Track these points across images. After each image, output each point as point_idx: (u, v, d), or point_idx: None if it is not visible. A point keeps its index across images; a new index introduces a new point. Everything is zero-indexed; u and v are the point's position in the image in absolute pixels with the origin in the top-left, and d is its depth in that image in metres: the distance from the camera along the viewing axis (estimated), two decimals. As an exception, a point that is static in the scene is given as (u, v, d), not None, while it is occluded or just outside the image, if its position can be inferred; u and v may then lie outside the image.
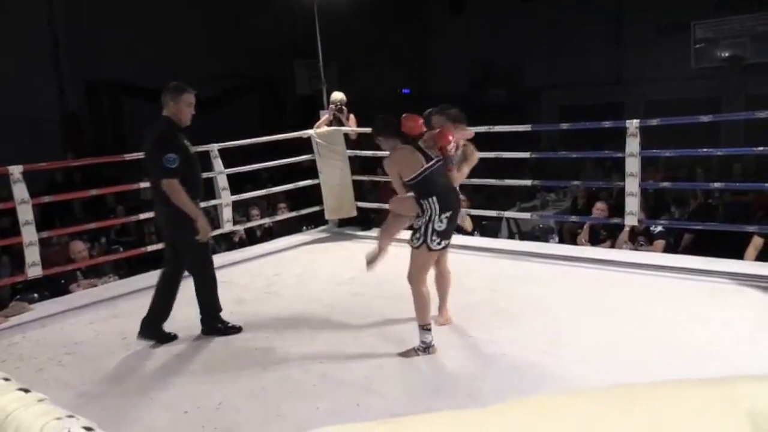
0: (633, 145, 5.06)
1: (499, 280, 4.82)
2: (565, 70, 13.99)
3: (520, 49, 14.83)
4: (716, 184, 6.64)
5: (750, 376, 0.41)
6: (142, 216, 6.65)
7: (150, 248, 6.29)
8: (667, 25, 12.92)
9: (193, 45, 14.11)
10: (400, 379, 3.27)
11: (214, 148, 5.82)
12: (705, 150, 5.84)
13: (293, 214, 7.06)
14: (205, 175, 5.85)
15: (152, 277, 5.51)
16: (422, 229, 3.53)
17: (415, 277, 3.64)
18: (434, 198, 3.47)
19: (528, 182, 7.29)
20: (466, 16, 16.33)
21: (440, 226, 3.51)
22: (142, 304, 4.75)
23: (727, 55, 12.46)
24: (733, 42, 12.39)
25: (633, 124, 5.04)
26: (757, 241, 4.97)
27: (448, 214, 3.52)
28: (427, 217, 3.50)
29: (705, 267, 4.71)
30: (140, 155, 5.63)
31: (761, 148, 4.91)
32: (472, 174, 4.59)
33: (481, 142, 7.66)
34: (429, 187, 3.51)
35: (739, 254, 5.00)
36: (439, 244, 3.55)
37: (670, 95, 12.47)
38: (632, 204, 5.18)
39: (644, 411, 0.37)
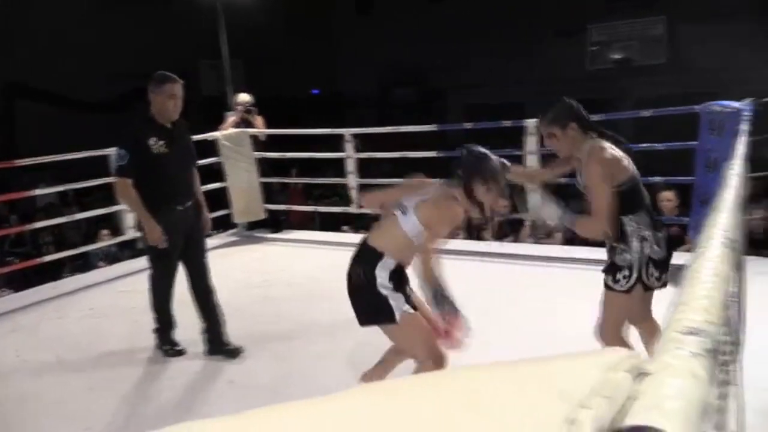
0: (532, 143, 5.30)
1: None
2: (470, 70, 14.38)
3: (426, 50, 15.11)
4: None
5: (566, 354, 0.46)
6: (38, 224, 6.33)
7: (47, 258, 5.99)
8: (565, 28, 13.53)
9: (91, 43, 13.48)
10: (308, 383, 3.28)
11: (113, 153, 5.60)
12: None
13: (201, 218, 6.91)
14: (103, 181, 5.69)
15: (49, 289, 5.29)
16: (633, 262, 2.52)
17: (612, 334, 2.61)
18: (643, 213, 2.55)
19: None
20: (373, 16, 16.48)
21: (657, 251, 2.53)
22: (39, 318, 4.54)
23: (618, 57, 13.22)
24: (624, 45, 13.16)
25: (532, 124, 5.27)
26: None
27: (661, 234, 2.56)
28: (638, 242, 2.52)
29: (599, 257, 4.98)
30: (33, 160, 5.38)
31: (645, 145, 5.26)
32: (378, 173, 4.63)
33: (391, 142, 7.78)
34: (638, 196, 2.58)
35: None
36: (658, 279, 2.56)
37: (568, 95, 13.06)
38: (533, 199, 5.42)
39: (464, 391, 0.40)
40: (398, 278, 2.53)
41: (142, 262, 5.82)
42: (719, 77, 10.55)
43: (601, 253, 5.04)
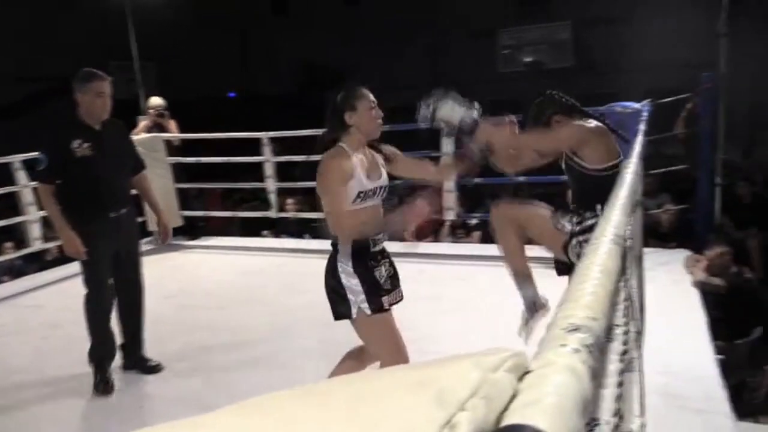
0: (447, 144, 5.41)
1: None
2: (386, 72, 14.50)
3: (343, 52, 15.14)
4: (520, 178, 7.28)
5: (450, 356, 0.48)
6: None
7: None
8: (478, 31, 13.88)
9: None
10: (232, 392, 3.23)
11: (16, 159, 5.33)
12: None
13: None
14: (6, 190, 5.40)
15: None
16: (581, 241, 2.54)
17: None
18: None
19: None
20: (290, 17, 16.35)
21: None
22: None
23: (528, 60, 13.69)
24: (534, 48, 13.64)
25: (447, 126, 5.39)
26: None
27: None
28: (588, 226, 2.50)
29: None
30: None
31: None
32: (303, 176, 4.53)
33: (311, 144, 7.71)
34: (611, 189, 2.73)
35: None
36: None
37: (481, 97, 13.40)
38: (449, 200, 5.55)
39: (346, 402, 0.41)
40: (365, 258, 2.41)
41: (50, 275, 5.59)
42: (621, 78, 11.13)
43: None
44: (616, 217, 0.94)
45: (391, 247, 2.55)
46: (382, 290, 2.43)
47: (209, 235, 6.76)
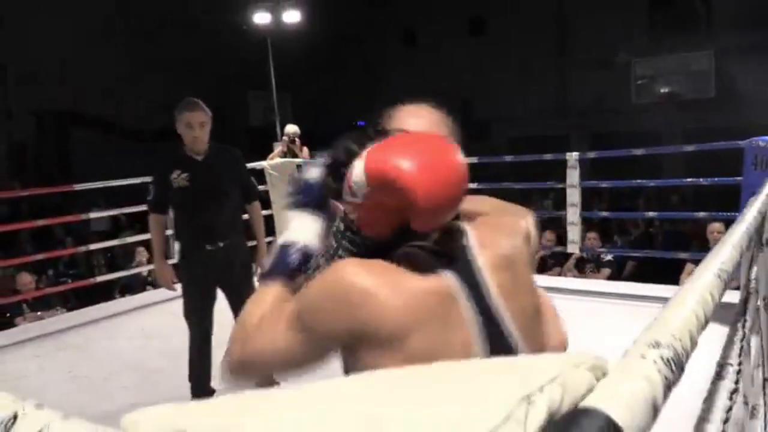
0: (573, 176, 5.31)
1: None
2: (513, 102, 14.44)
3: (471, 80, 15.25)
4: (651, 213, 6.98)
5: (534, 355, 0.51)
6: (92, 247, 6.59)
7: (99, 278, 6.23)
8: (609, 61, 13.51)
9: (140, 74, 14.04)
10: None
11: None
12: (638, 181, 6.15)
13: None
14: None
15: (100, 309, 5.47)
16: None
17: None
18: None
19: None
20: (417, 49, 16.76)
21: None
22: (90, 337, 4.71)
23: (665, 91, 13.10)
24: (670, 79, 13.06)
25: (573, 157, 5.30)
26: (689, 268, 5.24)
27: None
28: None
29: (642, 293, 4.93)
30: (89, 185, 5.58)
31: (689, 180, 5.22)
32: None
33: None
34: None
35: (677, 281, 5.26)
36: None
37: (614, 128, 12.99)
38: (574, 233, 5.41)
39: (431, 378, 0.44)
40: None
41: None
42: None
43: (642, 289, 4.96)
44: (726, 251, 0.93)
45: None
46: None
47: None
